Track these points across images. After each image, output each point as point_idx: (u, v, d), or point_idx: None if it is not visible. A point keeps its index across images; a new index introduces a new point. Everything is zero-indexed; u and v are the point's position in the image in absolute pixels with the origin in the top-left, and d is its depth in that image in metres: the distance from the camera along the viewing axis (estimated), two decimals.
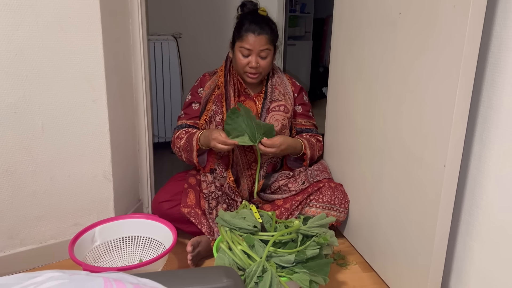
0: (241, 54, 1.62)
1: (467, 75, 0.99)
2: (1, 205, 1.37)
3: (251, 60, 1.60)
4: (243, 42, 1.60)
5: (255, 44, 1.59)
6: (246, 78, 1.66)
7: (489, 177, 1.06)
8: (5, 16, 1.24)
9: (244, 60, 1.62)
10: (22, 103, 1.33)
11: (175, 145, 1.70)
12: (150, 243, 1.46)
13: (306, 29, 5.18)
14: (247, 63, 1.62)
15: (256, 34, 1.58)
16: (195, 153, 1.62)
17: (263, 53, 1.61)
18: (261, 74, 1.66)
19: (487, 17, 1.03)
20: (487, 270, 1.08)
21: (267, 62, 1.64)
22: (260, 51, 1.60)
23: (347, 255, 1.60)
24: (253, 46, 1.59)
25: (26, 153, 1.37)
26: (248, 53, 1.60)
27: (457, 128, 1.03)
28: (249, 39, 1.59)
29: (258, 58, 1.61)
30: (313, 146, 1.72)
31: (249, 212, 1.39)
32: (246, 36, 1.59)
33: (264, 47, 1.60)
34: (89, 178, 1.51)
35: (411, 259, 1.24)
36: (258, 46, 1.59)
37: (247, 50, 1.60)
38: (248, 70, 1.63)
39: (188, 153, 1.64)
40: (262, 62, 1.62)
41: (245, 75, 1.65)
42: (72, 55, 1.37)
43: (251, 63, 1.60)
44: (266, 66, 1.65)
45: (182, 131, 1.69)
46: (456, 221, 1.19)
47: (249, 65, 1.61)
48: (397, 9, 1.25)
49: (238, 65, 1.64)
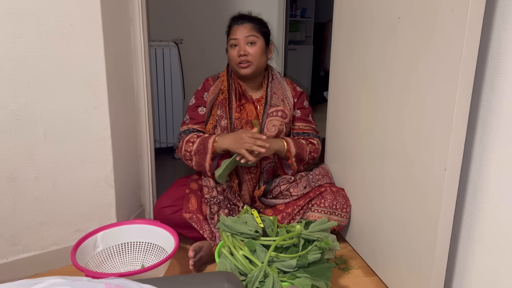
0: (230, 47, 1.67)
1: (466, 78, 1.00)
2: (4, 212, 1.38)
3: (239, 48, 1.64)
4: (231, 35, 1.67)
5: (239, 33, 1.64)
6: (240, 70, 1.67)
7: (490, 180, 1.06)
8: (7, 24, 1.25)
9: (234, 52, 1.65)
10: (25, 110, 1.34)
11: (184, 149, 1.64)
12: (152, 249, 1.47)
13: (306, 33, 5.19)
14: (237, 53, 1.64)
15: (240, 23, 1.66)
16: (209, 155, 1.58)
17: (249, 38, 1.64)
18: (252, 64, 1.65)
19: (486, 21, 1.03)
20: (490, 274, 1.08)
21: (256, 49, 1.65)
22: (245, 38, 1.64)
23: (349, 260, 1.60)
24: (238, 35, 1.64)
25: (28, 160, 1.38)
26: (235, 42, 1.65)
27: (457, 131, 1.03)
28: (235, 30, 1.66)
29: (245, 46, 1.64)
30: (300, 145, 1.69)
31: (251, 217, 1.39)
32: (233, 29, 1.67)
33: (249, 34, 1.64)
34: (91, 184, 1.52)
35: (413, 263, 1.24)
36: (243, 34, 1.64)
37: (234, 40, 1.65)
38: (239, 60, 1.64)
39: (200, 156, 1.60)
40: (250, 49, 1.64)
41: (237, 67, 1.67)
42: (73, 62, 1.38)
43: (240, 51, 1.63)
44: (256, 54, 1.65)
45: (193, 135, 1.65)
46: (458, 225, 1.19)
47: (238, 54, 1.64)
48: (396, 13, 1.26)
49: (231, 60, 1.68)
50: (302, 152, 1.69)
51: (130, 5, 1.64)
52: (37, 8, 1.28)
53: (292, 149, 1.66)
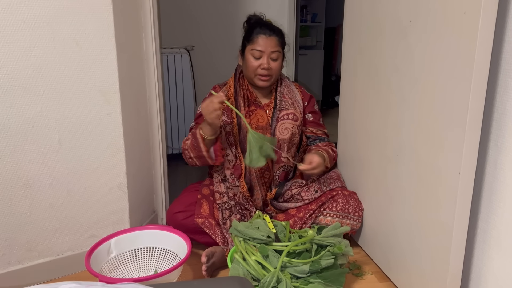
0: (252, 57, 1.64)
1: (479, 81, 0.99)
2: (20, 218, 1.40)
3: (263, 61, 1.63)
4: (254, 44, 1.63)
5: (266, 45, 1.62)
6: (258, 82, 1.67)
7: (506, 184, 1.05)
8: (23, 33, 1.28)
9: (255, 62, 1.64)
10: (40, 118, 1.36)
11: (183, 149, 1.64)
12: (165, 254, 1.47)
13: (317, 38, 5.19)
14: (258, 65, 1.63)
15: (267, 35, 1.63)
16: (202, 144, 1.55)
17: (274, 54, 1.63)
18: (272, 77, 1.66)
19: (498, 23, 1.02)
20: (507, 279, 1.06)
21: (278, 64, 1.66)
22: (271, 53, 1.63)
23: (362, 265, 1.59)
24: (264, 47, 1.62)
25: (43, 167, 1.40)
26: (259, 54, 1.63)
27: (471, 134, 1.02)
28: (260, 41, 1.62)
29: (269, 60, 1.63)
30: (331, 159, 1.74)
31: (263, 222, 1.39)
32: (257, 38, 1.63)
33: (275, 49, 1.63)
34: (104, 190, 1.53)
35: (428, 268, 1.22)
36: (269, 47, 1.62)
37: (258, 52, 1.62)
38: (260, 72, 1.64)
39: (196, 149, 1.58)
40: (273, 64, 1.64)
41: (256, 78, 1.66)
42: (87, 70, 1.40)
43: (263, 64, 1.62)
44: (277, 69, 1.67)
45: (189, 134, 1.66)
46: (473, 229, 1.17)
47: (261, 66, 1.63)
48: (407, 17, 1.25)
49: (249, 68, 1.66)
50: (332, 163, 1.76)
51: (142, 13, 1.66)
52: (52, 17, 1.31)
53: (329, 165, 1.71)
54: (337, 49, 5.12)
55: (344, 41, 1.79)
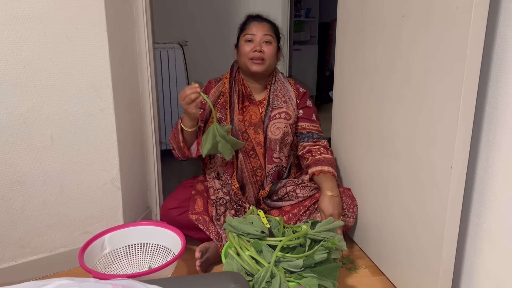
0: (245, 42, 1.66)
1: (471, 76, 0.99)
2: (13, 215, 1.39)
3: (256, 44, 1.64)
4: (246, 30, 1.66)
5: (258, 30, 1.65)
6: (251, 66, 1.65)
7: (497, 178, 1.06)
8: (13, 28, 1.26)
9: (248, 46, 1.65)
10: (32, 114, 1.35)
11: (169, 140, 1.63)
12: (159, 250, 1.47)
13: (311, 33, 5.19)
14: (251, 48, 1.64)
15: (259, 21, 1.67)
16: (180, 134, 1.54)
17: (266, 37, 1.64)
18: (265, 62, 1.65)
19: (490, 18, 1.03)
20: (498, 272, 1.07)
21: (271, 49, 1.66)
22: (263, 36, 1.64)
23: (356, 259, 1.60)
24: (256, 31, 1.65)
25: (36, 163, 1.39)
26: (251, 38, 1.65)
27: (463, 129, 1.03)
28: (252, 27, 1.66)
29: (262, 43, 1.64)
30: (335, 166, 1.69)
31: (257, 218, 1.39)
32: (250, 25, 1.67)
33: (267, 33, 1.65)
34: (98, 186, 1.53)
35: (421, 262, 1.23)
36: (261, 31, 1.64)
37: (250, 35, 1.65)
38: (252, 55, 1.64)
39: (175, 139, 1.58)
40: (266, 48, 1.64)
41: (249, 62, 1.65)
42: (79, 65, 1.39)
43: (256, 47, 1.63)
44: (270, 54, 1.66)
45: None
46: (465, 223, 1.18)
47: (253, 49, 1.63)
48: (400, 11, 1.25)
49: (243, 54, 1.66)
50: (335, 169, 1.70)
51: (135, 8, 1.64)
52: (43, 12, 1.30)
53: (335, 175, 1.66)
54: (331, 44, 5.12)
55: (338, 36, 1.79)
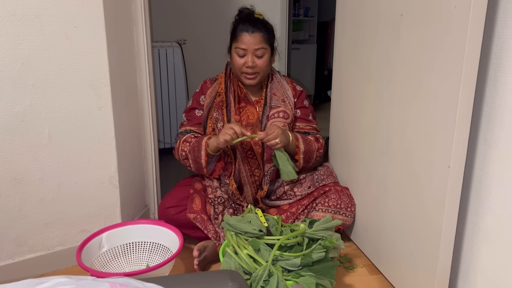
0: (237, 55, 1.63)
1: (469, 75, 0.99)
2: (10, 213, 1.39)
3: (247, 59, 1.61)
4: (238, 42, 1.61)
5: (249, 43, 1.59)
6: (244, 80, 1.65)
7: (494, 178, 1.06)
8: (11, 26, 1.26)
9: (240, 60, 1.62)
10: (29, 112, 1.35)
11: (180, 149, 1.65)
12: (157, 249, 1.47)
13: (310, 32, 5.18)
14: (243, 63, 1.62)
15: (250, 32, 1.59)
16: (203, 152, 1.57)
17: (258, 52, 1.61)
18: (258, 74, 1.65)
19: (488, 18, 1.03)
20: (495, 271, 1.07)
21: (264, 61, 1.63)
22: (255, 50, 1.60)
23: (354, 258, 1.60)
24: (247, 45, 1.59)
25: (33, 161, 1.39)
26: (243, 53, 1.61)
27: (461, 128, 1.03)
28: (244, 39, 1.60)
29: (254, 58, 1.61)
30: (308, 142, 1.68)
31: (255, 216, 1.39)
32: (241, 36, 1.60)
33: (259, 46, 1.60)
34: (95, 184, 1.52)
35: (418, 261, 1.23)
36: (252, 45, 1.59)
37: (242, 50, 1.60)
38: (245, 71, 1.63)
39: (195, 153, 1.59)
40: (258, 62, 1.62)
41: (242, 76, 1.65)
42: (77, 63, 1.39)
43: (247, 63, 1.61)
44: (263, 66, 1.64)
45: (190, 135, 1.66)
46: (462, 222, 1.19)
47: (245, 65, 1.61)
48: (398, 11, 1.26)
49: (235, 66, 1.64)
50: (311, 149, 1.68)
51: (133, 6, 1.64)
52: (41, 10, 1.29)
53: (301, 146, 1.65)
54: (330, 43, 5.12)
55: (336, 35, 1.79)
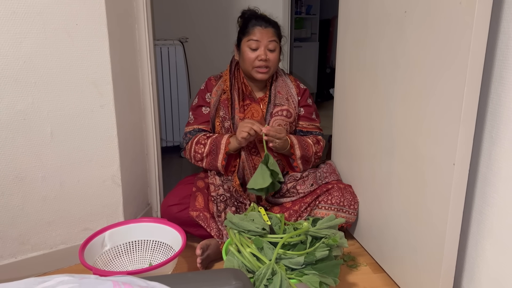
0: (249, 49, 1.62)
1: (474, 72, 0.98)
2: (13, 211, 1.38)
3: (260, 52, 1.61)
4: (250, 35, 1.62)
5: (263, 35, 1.60)
6: (256, 75, 1.64)
7: (500, 175, 1.05)
8: (13, 24, 1.26)
9: (252, 54, 1.62)
10: (31, 110, 1.34)
11: (193, 150, 1.64)
12: (160, 247, 1.47)
13: (312, 30, 5.17)
14: (256, 57, 1.61)
15: (263, 27, 1.62)
16: (221, 156, 1.59)
17: (271, 45, 1.61)
18: (270, 69, 1.64)
19: (494, 14, 1.02)
20: (500, 270, 1.06)
21: (275, 55, 1.64)
22: (268, 43, 1.61)
23: (357, 257, 1.59)
24: (261, 37, 1.60)
25: (36, 159, 1.38)
26: (256, 45, 1.61)
27: (466, 125, 1.02)
28: (257, 32, 1.61)
29: (266, 51, 1.61)
30: (306, 147, 1.68)
31: (258, 215, 1.38)
32: (253, 30, 1.62)
33: (272, 39, 1.62)
34: (98, 183, 1.52)
35: (422, 259, 1.22)
36: (266, 37, 1.60)
37: (255, 42, 1.60)
38: (257, 64, 1.62)
39: (212, 157, 1.61)
40: (270, 55, 1.62)
41: (254, 71, 1.64)
42: (79, 61, 1.38)
43: (261, 56, 1.60)
44: (275, 61, 1.64)
45: (202, 135, 1.65)
46: (467, 220, 1.18)
47: (258, 58, 1.61)
48: (402, 7, 1.25)
49: (247, 61, 1.63)
50: (308, 154, 1.69)
51: (135, 4, 1.64)
52: (42, 7, 1.29)
53: (297, 152, 1.66)
54: (332, 41, 5.10)
55: (339, 33, 1.78)
